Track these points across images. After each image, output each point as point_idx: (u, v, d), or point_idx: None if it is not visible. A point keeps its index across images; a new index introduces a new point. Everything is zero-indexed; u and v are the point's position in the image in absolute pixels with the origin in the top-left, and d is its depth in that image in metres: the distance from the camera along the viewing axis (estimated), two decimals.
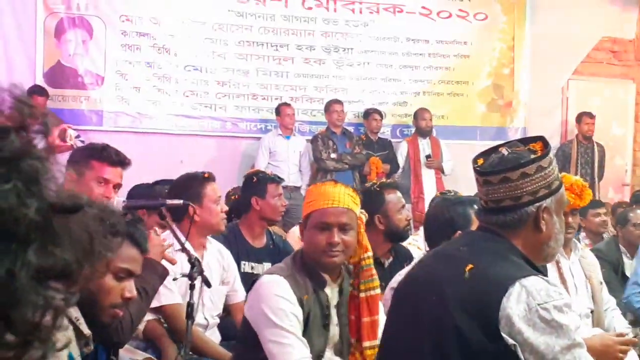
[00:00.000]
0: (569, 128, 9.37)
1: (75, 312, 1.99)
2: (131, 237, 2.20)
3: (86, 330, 2.02)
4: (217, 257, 3.72)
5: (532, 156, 2.00)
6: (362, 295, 2.75)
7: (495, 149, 2.09)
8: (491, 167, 2.04)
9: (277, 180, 4.46)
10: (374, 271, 2.78)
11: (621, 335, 3.12)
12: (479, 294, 1.90)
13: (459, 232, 2.92)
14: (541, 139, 2.09)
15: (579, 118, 8.87)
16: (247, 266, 4.20)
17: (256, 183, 4.36)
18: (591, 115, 8.78)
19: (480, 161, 2.09)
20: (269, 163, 7.74)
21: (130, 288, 2.20)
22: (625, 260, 5.66)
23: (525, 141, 2.11)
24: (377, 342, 2.61)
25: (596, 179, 8.72)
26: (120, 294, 2.17)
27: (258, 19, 8.32)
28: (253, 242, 4.31)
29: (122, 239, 2.11)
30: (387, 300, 2.76)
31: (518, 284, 1.86)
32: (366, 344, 2.72)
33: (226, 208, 3.71)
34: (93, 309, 2.10)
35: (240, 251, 4.17)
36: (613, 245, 5.74)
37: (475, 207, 3.15)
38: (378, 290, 2.79)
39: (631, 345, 3.44)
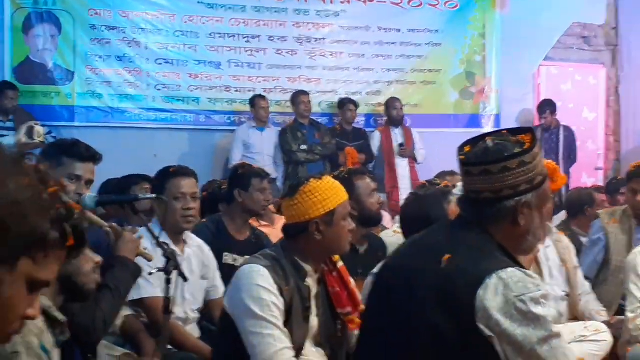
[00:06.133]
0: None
1: (46, 301, 1.98)
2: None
3: (60, 317, 2.00)
4: (197, 253, 3.71)
5: (516, 150, 1.97)
6: (340, 264, 2.85)
7: (482, 138, 2.07)
8: (474, 158, 2.01)
9: (262, 175, 4.44)
10: None
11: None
12: (454, 285, 1.89)
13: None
14: (531, 131, 2.06)
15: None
16: (229, 258, 4.18)
17: (240, 175, 4.37)
18: (550, 103, 8.77)
19: (467, 148, 2.06)
20: (243, 155, 7.68)
21: None
22: None
23: (515, 132, 2.08)
24: None
25: (561, 165, 8.72)
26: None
27: (229, 11, 8.26)
28: (236, 235, 4.29)
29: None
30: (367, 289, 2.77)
31: (495, 276, 1.86)
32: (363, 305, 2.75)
33: (193, 205, 3.60)
34: (75, 288, 2.16)
35: (223, 243, 4.16)
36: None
37: (451, 197, 3.17)
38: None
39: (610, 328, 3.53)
